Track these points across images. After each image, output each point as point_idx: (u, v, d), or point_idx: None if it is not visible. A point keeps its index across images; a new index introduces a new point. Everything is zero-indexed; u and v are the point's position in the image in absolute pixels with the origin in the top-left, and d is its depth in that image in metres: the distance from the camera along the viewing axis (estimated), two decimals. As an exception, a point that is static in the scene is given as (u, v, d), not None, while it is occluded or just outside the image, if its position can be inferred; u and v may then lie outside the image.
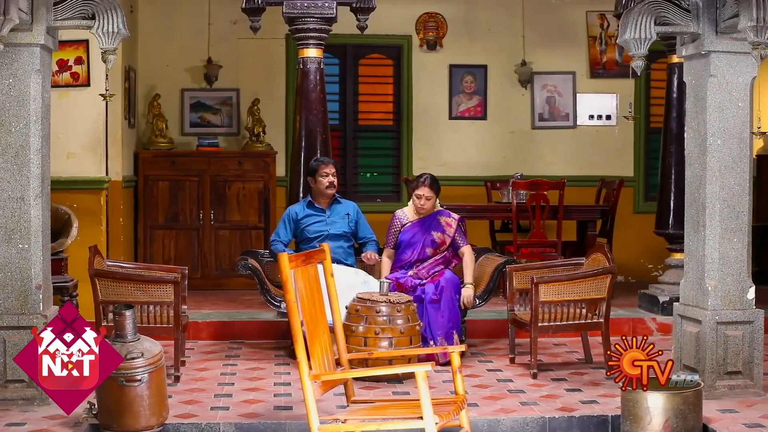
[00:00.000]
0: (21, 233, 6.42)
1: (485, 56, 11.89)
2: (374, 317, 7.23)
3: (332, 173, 8.28)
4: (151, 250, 10.82)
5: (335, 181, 8.30)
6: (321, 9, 8.80)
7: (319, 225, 8.25)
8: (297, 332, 5.15)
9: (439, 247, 8.11)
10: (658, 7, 6.78)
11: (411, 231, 8.16)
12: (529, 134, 11.93)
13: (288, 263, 5.19)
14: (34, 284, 6.44)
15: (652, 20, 6.75)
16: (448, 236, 8.11)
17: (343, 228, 8.30)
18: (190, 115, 11.51)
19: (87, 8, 6.47)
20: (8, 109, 6.40)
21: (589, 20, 11.90)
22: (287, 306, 5.17)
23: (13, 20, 6.01)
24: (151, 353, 5.79)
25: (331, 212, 8.32)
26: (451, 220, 8.17)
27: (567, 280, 7.51)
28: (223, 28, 11.48)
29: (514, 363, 7.88)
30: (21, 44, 6.37)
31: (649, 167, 12.04)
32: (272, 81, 11.62)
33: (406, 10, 11.71)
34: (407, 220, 8.21)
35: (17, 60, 6.40)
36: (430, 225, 8.14)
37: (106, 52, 6.53)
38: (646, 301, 9.61)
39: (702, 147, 6.88)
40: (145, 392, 5.73)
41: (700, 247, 6.91)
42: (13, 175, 6.41)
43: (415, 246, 8.11)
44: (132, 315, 5.80)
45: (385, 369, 6.06)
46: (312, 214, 8.29)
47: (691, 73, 7.02)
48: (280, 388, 7.07)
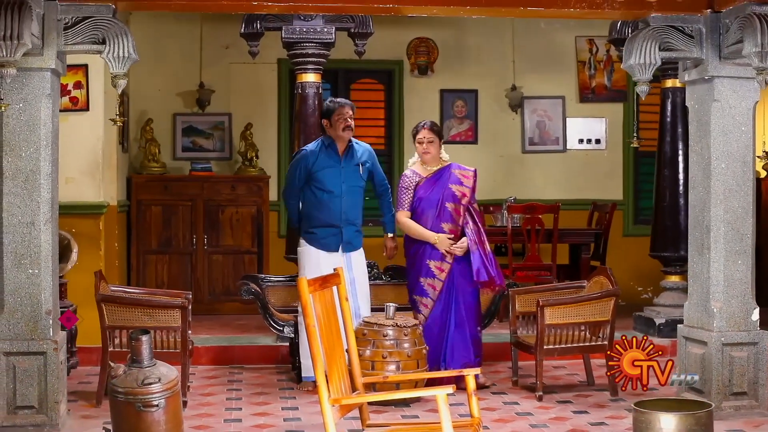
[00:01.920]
0: (31, 258, 6.40)
1: (476, 81, 11.98)
2: (381, 341, 7.25)
3: (349, 115, 7.88)
4: (144, 274, 10.78)
5: (352, 123, 7.90)
6: (320, 34, 8.86)
7: (332, 174, 7.84)
8: (317, 356, 5.13)
9: (459, 201, 7.81)
10: (662, 33, 6.88)
11: (426, 187, 7.88)
12: (520, 158, 12.01)
13: (307, 288, 5.20)
14: (44, 309, 6.41)
15: (656, 46, 6.85)
16: (467, 188, 7.86)
17: (356, 182, 7.93)
18: (183, 140, 11.51)
19: (97, 33, 6.48)
20: (18, 133, 6.40)
21: (578, 45, 12.03)
22: (307, 330, 5.14)
23: (26, 45, 6.01)
24: (167, 378, 5.77)
25: (346, 163, 7.90)
26: (467, 171, 7.92)
27: (573, 302, 7.57)
28: (215, 53, 11.50)
29: (517, 386, 7.91)
30: (32, 69, 6.37)
31: (638, 191, 12.16)
32: (264, 106, 11.65)
33: (398, 36, 11.78)
34: (419, 177, 7.93)
35: (28, 84, 6.40)
36: (446, 178, 7.88)
37: (116, 76, 6.54)
38: (641, 324, 9.68)
39: (706, 171, 6.97)
40: (162, 417, 5.71)
41: (705, 270, 6.99)
42: (23, 200, 6.39)
43: (435, 203, 7.82)
44: (149, 340, 5.79)
45: (407, 393, 6.03)
46: (326, 157, 7.87)
47: (694, 98, 7.12)
48: (288, 412, 7.07)
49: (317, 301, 5.32)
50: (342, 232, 7.82)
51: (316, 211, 7.85)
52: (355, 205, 7.95)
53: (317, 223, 7.82)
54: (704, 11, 6.87)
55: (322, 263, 7.62)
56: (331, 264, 7.37)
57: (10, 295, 6.38)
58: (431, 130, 7.93)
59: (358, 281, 7.83)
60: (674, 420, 5.89)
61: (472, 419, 5.45)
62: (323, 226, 7.81)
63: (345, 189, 7.87)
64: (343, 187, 7.87)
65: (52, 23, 6.40)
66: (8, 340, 6.36)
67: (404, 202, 7.93)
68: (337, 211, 7.82)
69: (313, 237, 7.84)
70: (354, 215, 7.93)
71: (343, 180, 7.88)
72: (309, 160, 7.88)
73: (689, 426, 5.91)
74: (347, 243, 7.86)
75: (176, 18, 11.25)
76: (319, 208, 7.84)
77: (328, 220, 7.81)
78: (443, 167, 7.96)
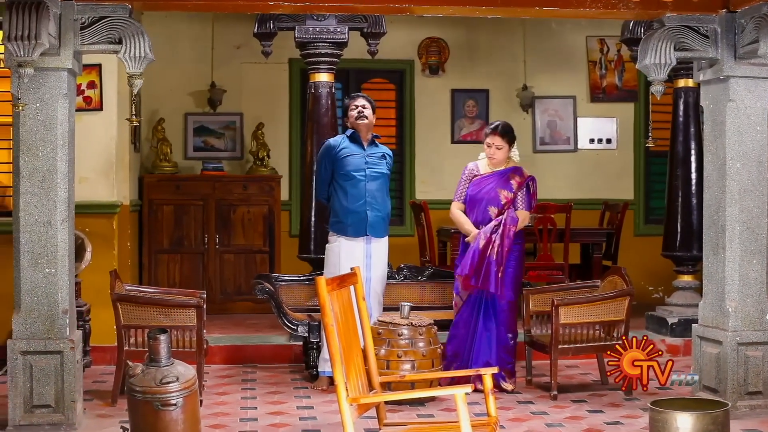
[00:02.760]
0: (48, 258, 6.41)
1: (487, 81, 12.00)
2: (396, 340, 7.25)
3: (362, 105, 7.91)
4: (155, 274, 10.80)
5: (366, 112, 7.89)
6: (333, 34, 8.87)
7: (356, 160, 7.85)
8: (335, 356, 5.13)
9: (503, 207, 7.65)
10: (678, 33, 6.88)
11: (480, 184, 7.74)
12: (531, 158, 11.99)
13: (325, 287, 5.21)
14: (61, 309, 6.42)
15: (671, 46, 6.85)
16: (513, 193, 7.69)
17: (381, 168, 7.91)
18: (194, 140, 11.53)
19: (114, 33, 6.49)
20: (35, 133, 6.41)
21: (589, 45, 12.04)
22: (325, 329, 5.14)
23: (43, 44, 6.04)
24: (185, 377, 5.78)
25: (370, 151, 7.91)
26: (521, 178, 7.71)
27: (587, 302, 7.58)
28: (227, 53, 11.53)
29: (531, 385, 7.91)
30: (49, 68, 6.38)
31: (649, 190, 12.18)
32: (276, 105, 11.67)
33: (409, 35, 11.80)
34: (477, 172, 7.81)
35: (45, 84, 6.41)
36: (500, 182, 7.71)
37: (132, 76, 6.56)
38: (654, 323, 9.67)
39: (721, 171, 6.97)
40: (180, 416, 5.72)
41: (720, 269, 7.00)
42: (40, 199, 6.40)
43: (479, 203, 7.70)
44: (167, 339, 5.79)
45: (426, 392, 6.01)
46: (350, 146, 7.89)
47: (709, 98, 7.12)
48: (303, 411, 7.08)
49: (335, 300, 5.33)
50: (367, 215, 7.79)
51: (341, 200, 7.85)
52: (380, 190, 7.91)
53: (343, 210, 7.83)
54: (719, 11, 6.87)
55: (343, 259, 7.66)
56: (353, 258, 7.50)
57: (27, 294, 6.39)
58: (502, 137, 7.70)
59: (372, 279, 7.80)
60: (691, 419, 5.89)
61: (489, 418, 5.45)
62: (349, 212, 7.81)
63: (369, 174, 7.86)
64: (368, 172, 7.86)
65: (68, 23, 6.41)
66: (25, 339, 6.38)
67: (459, 193, 7.86)
68: (362, 194, 7.80)
69: (341, 226, 7.84)
70: (379, 200, 7.88)
71: (367, 165, 7.88)
72: (333, 150, 7.92)
73: (706, 425, 5.91)
74: (372, 226, 7.81)
75: (188, 18, 11.28)
76: (344, 194, 7.84)
77: (354, 204, 7.80)
78: (506, 169, 7.79)
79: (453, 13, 7.65)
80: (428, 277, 8.77)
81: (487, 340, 7.65)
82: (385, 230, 7.95)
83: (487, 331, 7.66)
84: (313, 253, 9.00)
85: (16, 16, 5.99)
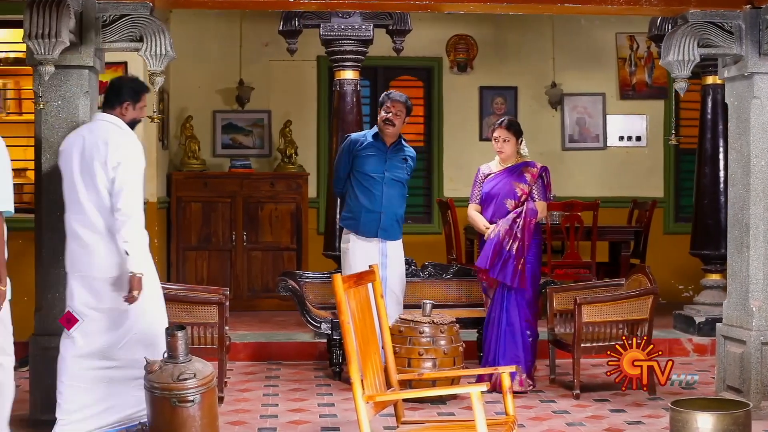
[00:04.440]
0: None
1: (515, 78, 11.94)
2: (417, 338, 7.24)
3: (395, 111, 7.76)
4: (183, 271, 10.85)
5: (394, 120, 7.75)
6: (358, 31, 8.87)
7: (376, 162, 7.80)
8: (351, 353, 5.13)
9: (519, 200, 7.65)
10: (701, 29, 6.83)
11: (493, 181, 7.77)
12: (560, 155, 11.95)
13: (342, 285, 5.21)
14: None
15: (695, 42, 6.79)
16: (529, 186, 7.70)
17: (400, 174, 7.85)
18: (222, 137, 11.57)
19: (135, 30, 6.53)
20: (57, 131, 6.44)
21: (619, 42, 11.95)
22: (342, 327, 5.15)
23: (64, 42, 6.09)
24: (203, 374, 5.79)
25: (392, 154, 7.84)
26: (535, 169, 7.74)
27: (610, 300, 7.53)
28: (255, 50, 11.55)
29: (555, 384, 7.87)
30: (70, 66, 6.44)
31: (679, 188, 12.07)
32: (304, 103, 11.68)
33: (437, 33, 11.77)
34: (489, 171, 7.84)
35: (66, 82, 6.46)
36: (514, 176, 7.72)
37: (153, 74, 6.58)
38: (681, 322, 9.59)
39: (745, 168, 6.90)
40: (197, 413, 5.72)
41: (744, 268, 6.93)
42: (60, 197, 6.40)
43: (495, 199, 7.69)
44: (184, 336, 5.81)
45: (441, 390, 6.03)
46: (372, 145, 7.84)
47: (734, 95, 7.05)
48: (324, 408, 7.08)
49: (352, 298, 5.33)
50: (380, 218, 7.78)
51: (357, 197, 7.83)
52: (396, 196, 7.87)
53: (357, 208, 7.81)
54: (744, 7, 6.81)
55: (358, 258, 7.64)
56: (369, 257, 7.44)
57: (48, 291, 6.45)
58: (507, 129, 7.74)
59: (389, 278, 7.77)
60: (711, 419, 5.84)
61: (507, 417, 5.42)
62: (363, 210, 7.79)
63: (387, 178, 7.82)
64: (386, 176, 7.82)
65: (90, 21, 6.45)
66: (47, 335, 6.41)
67: (474, 195, 7.89)
68: (378, 196, 7.78)
69: (352, 222, 7.83)
70: (394, 204, 7.84)
71: (386, 168, 7.83)
72: (353, 145, 7.89)
73: (727, 426, 5.85)
74: (384, 230, 7.79)
75: (216, 16, 11.31)
76: (360, 193, 7.81)
77: (368, 204, 7.78)
78: (517, 164, 7.80)
79: (474, 9, 7.63)
80: (453, 274, 8.75)
81: (512, 339, 7.61)
82: (397, 233, 7.92)
83: (509, 326, 7.64)
84: (338, 250, 8.99)
85: (36, 14, 6.04)
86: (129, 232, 5.83)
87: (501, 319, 7.64)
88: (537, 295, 7.80)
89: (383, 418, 6.40)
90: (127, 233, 5.82)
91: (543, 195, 7.77)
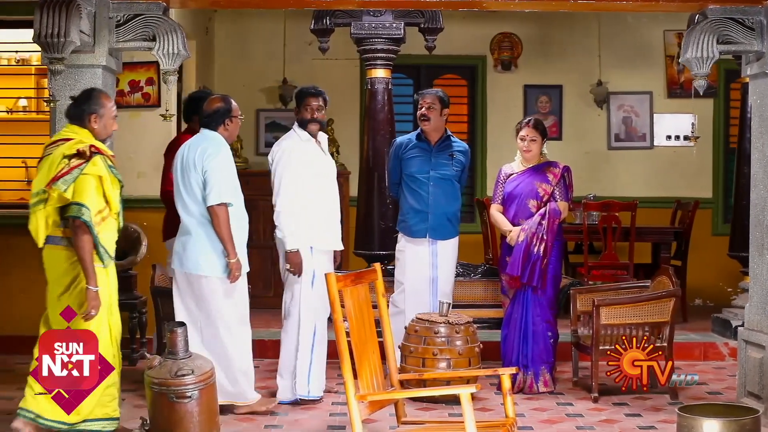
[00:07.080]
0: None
1: (560, 76, 11.83)
2: (432, 338, 7.19)
3: (427, 104, 7.75)
4: (224, 268, 10.88)
5: (429, 114, 7.71)
6: (388, 30, 8.87)
7: (421, 162, 7.79)
8: (343, 352, 5.14)
9: (542, 200, 7.61)
10: (721, 26, 6.68)
11: (515, 181, 7.72)
12: (605, 155, 11.80)
13: (335, 283, 5.20)
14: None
15: (714, 39, 6.65)
16: (552, 186, 7.64)
17: (446, 172, 7.79)
18: (265, 135, 11.64)
19: (148, 30, 6.60)
20: (71, 129, 6.53)
21: (667, 39, 11.75)
22: (334, 325, 5.16)
23: (74, 42, 6.17)
24: (201, 370, 5.85)
25: (437, 152, 7.80)
26: (557, 170, 7.68)
27: (629, 302, 7.38)
28: (298, 49, 11.60)
29: (577, 386, 7.77)
30: (83, 66, 6.53)
31: (727, 188, 11.82)
32: (346, 101, 11.68)
33: (481, 31, 11.70)
34: (511, 171, 7.79)
35: (79, 81, 6.54)
36: (536, 176, 7.67)
37: (166, 73, 6.64)
38: (719, 326, 9.41)
39: (767, 168, 6.73)
40: (195, 409, 5.78)
41: (765, 271, 6.77)
42: (75, 194, 6.51)
43: (517, 199, 7.65)
44: (184, 332, 5.87)
45: (431, 391, 5.98)
46: (417, 146, 7.82)
47: (756, 93, 6.89)
48: (336, 407, 7.08)
49: (348, 297, 5.31)
50: (429, 218, 7.75)
51: (407, 199, 7.84)
52: (446, 194, 7.81)
53: (407, 209, 7.82)
54: (765, 2, 6.65)
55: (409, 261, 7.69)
56: (419, 259, 7.56)
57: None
58: (535, 128, 7.68)
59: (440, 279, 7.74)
60: (718, 426, 5.70)
61: (505, 419, 5.38)
62: (411, 211, 7.79)
63: (433, 177, 7.78)
64: (432, 174, 7.78)
65: (103, 21, 6.54)
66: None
67: (496, 195, 7.85)
68: (425, 197, 7.76)
69: (404, 225, 7.84)
70: (443, 203, 7.79)
71: (431, 167, 7.79)
72: (399, 149, 7.89)
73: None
74: (433, 229, 7.75)
75: (260, 15, 11.39)
76: (409, 194, 7.81)
77: (416, 205, 7.76)
78: (539, 164, 7.75)
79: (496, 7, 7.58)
80: (482, 274, 8.68)
81: (536, 337, 7.54)
82: (450, 232, 7.83)
83: (534, 326, 7.56)
84: (367, 249, 9.00)
85: (46, 14, 6.14)
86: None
87: (524, 319, 7.56)
88: (557, 296, 7.70)
89: (391, 418, 6.35)
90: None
91: (565, 195, 7.68)
